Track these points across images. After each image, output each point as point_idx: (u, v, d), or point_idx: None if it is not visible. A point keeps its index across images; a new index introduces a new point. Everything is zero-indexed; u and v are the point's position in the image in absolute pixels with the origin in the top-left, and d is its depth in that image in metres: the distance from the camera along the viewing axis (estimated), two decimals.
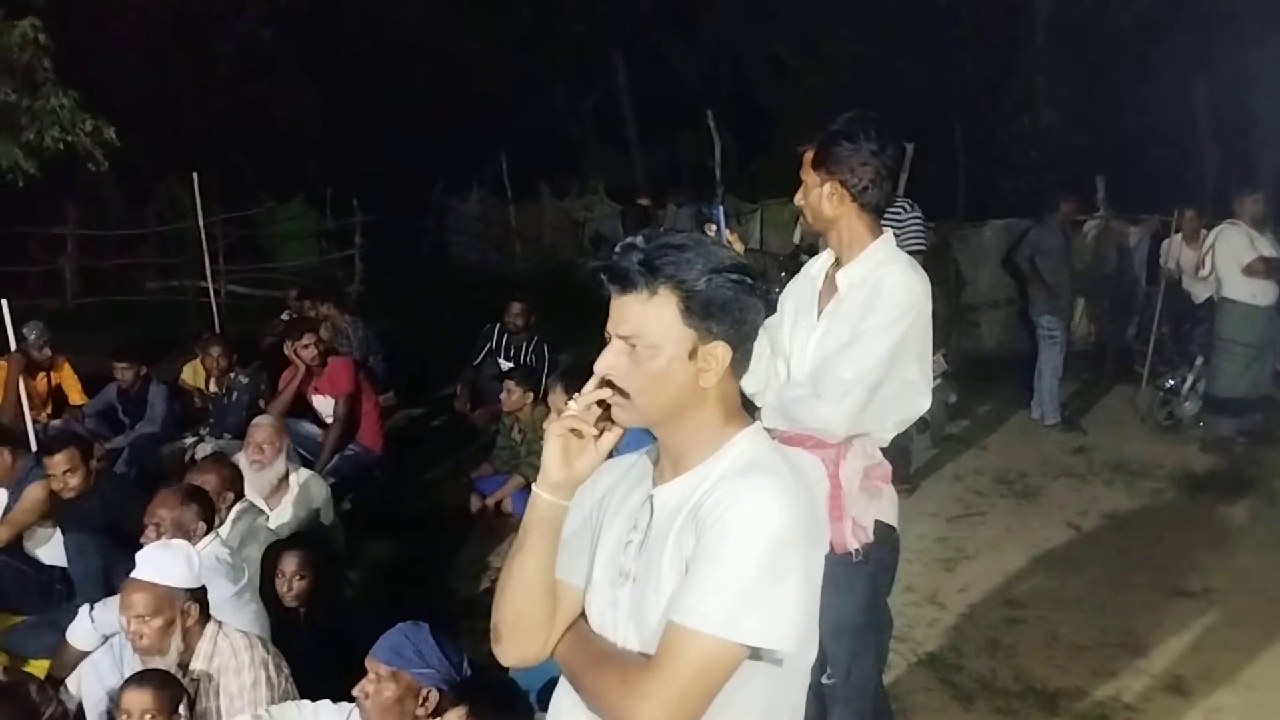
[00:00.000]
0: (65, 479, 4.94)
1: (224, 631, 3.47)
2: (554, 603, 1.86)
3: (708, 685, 1.68)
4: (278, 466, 5.25)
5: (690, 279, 1.72)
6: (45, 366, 7.14)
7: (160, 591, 3.39)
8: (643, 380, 1.74)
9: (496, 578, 5.73)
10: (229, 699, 3.33)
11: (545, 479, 1.79)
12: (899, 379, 2.77)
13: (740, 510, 1.68)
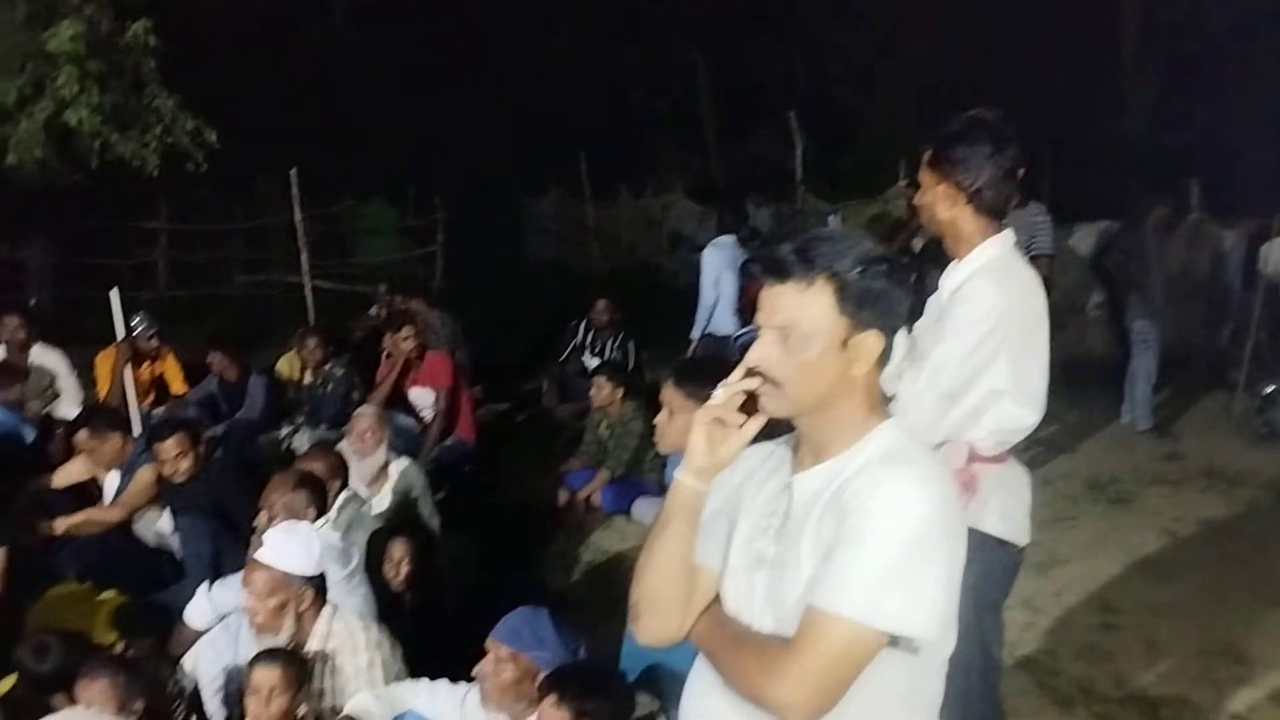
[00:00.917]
0: (176, 463, 5.10)
1: (339, 614, 3.58)
2: (692, 585, 1.91)
3: (845, 669, 1.72)
4: (379, 455, 5.38)
5: (845, 269, 1.75)
6: (150, 356, 7.37)
7: (278, 575, 3.51)
8: (795, 370, 1.78)
9: (586, 570, 5.84)
10: (345, 679, 3.43)
11: (690, 464, 1.84)
12: (984, 389, 2.75)
13: (884, 498, 1.72)
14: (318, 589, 3.58)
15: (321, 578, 3.61)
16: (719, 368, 3.05)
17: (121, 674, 3.41)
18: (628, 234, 16.08)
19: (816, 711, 1.71)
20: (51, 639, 3.87)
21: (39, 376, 6.97)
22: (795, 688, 1.70)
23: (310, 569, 3.54)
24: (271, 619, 3.52)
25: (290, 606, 3.52)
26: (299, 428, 7.04)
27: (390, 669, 3.52)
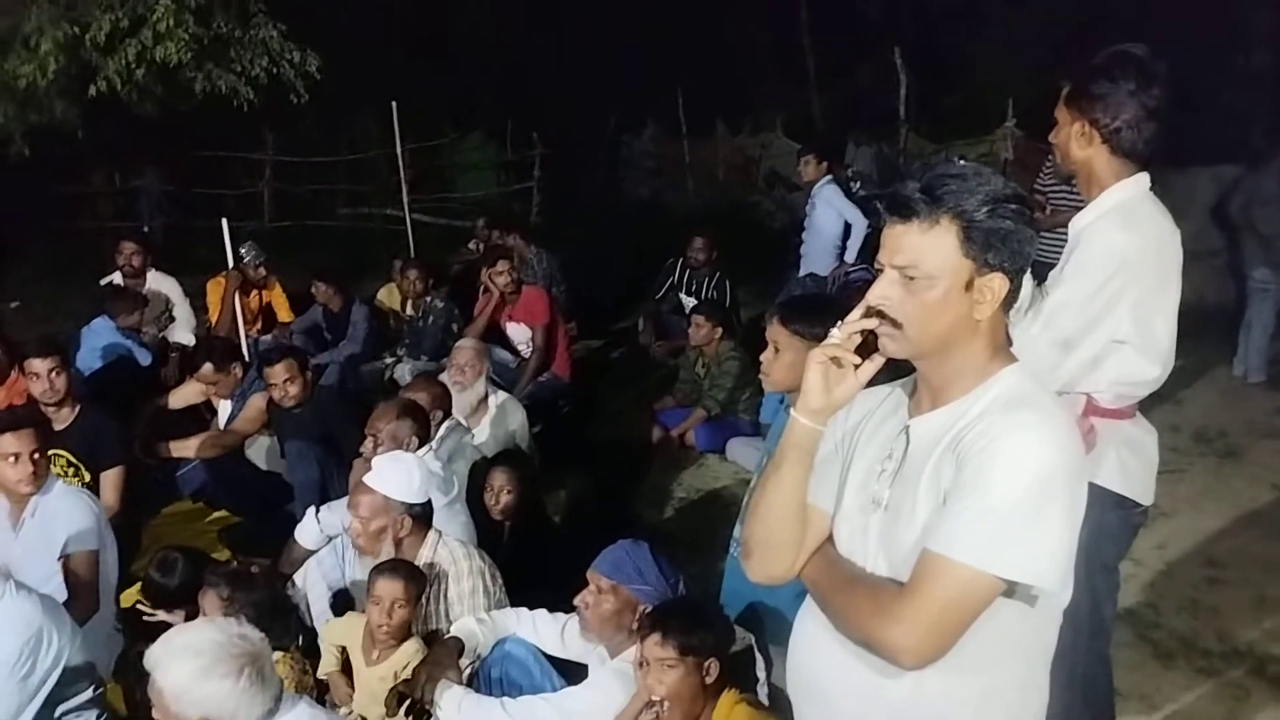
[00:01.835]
0: (284, 388, 5.25)
1: (444, 540, 3.67)
2: (804, 525, 1.90)
3: (960, 615, 1.71)
4: (478, 388, 5.47)
5: (971, 208, 1.71)
6: (258, 284, 7.56)
7: (380, 499, 3.62)
8: (917, 311, 1.75)
9: (678, 507, 5.88)
10: (449, 604, 3.53)
11: (805, 404, 1.83)
12: (1103, 337, 2.61)
13: (1006, 443, 1.68)
14: (419, 517, 3.66)
15: (425, 506, 3.70)
16: (826, 306, 3.05)
17: (236, 588, 3.55)
18: (724, 172, 15.91)
19: (928, 656, 1.71)
20: (177, 554, 4.04)
21: (154, 302, 7.20)
22: (908, 631, 1.70)
23: (411, 496, 3.63)
24: (372, 542, 3.64)
25: (389, 531, 3.62)
26: (400, 359, 7.18)
27: (492, 596, 3.61)
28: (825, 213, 7.59)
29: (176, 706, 2.37)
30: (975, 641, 1.74)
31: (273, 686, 2.49)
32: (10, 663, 3.18)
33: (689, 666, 2.79)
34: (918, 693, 1.79)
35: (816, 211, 7.63)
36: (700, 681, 2.81)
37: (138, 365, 6.58)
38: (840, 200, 7.57)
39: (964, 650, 1.73)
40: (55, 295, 9.19)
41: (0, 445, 3.95)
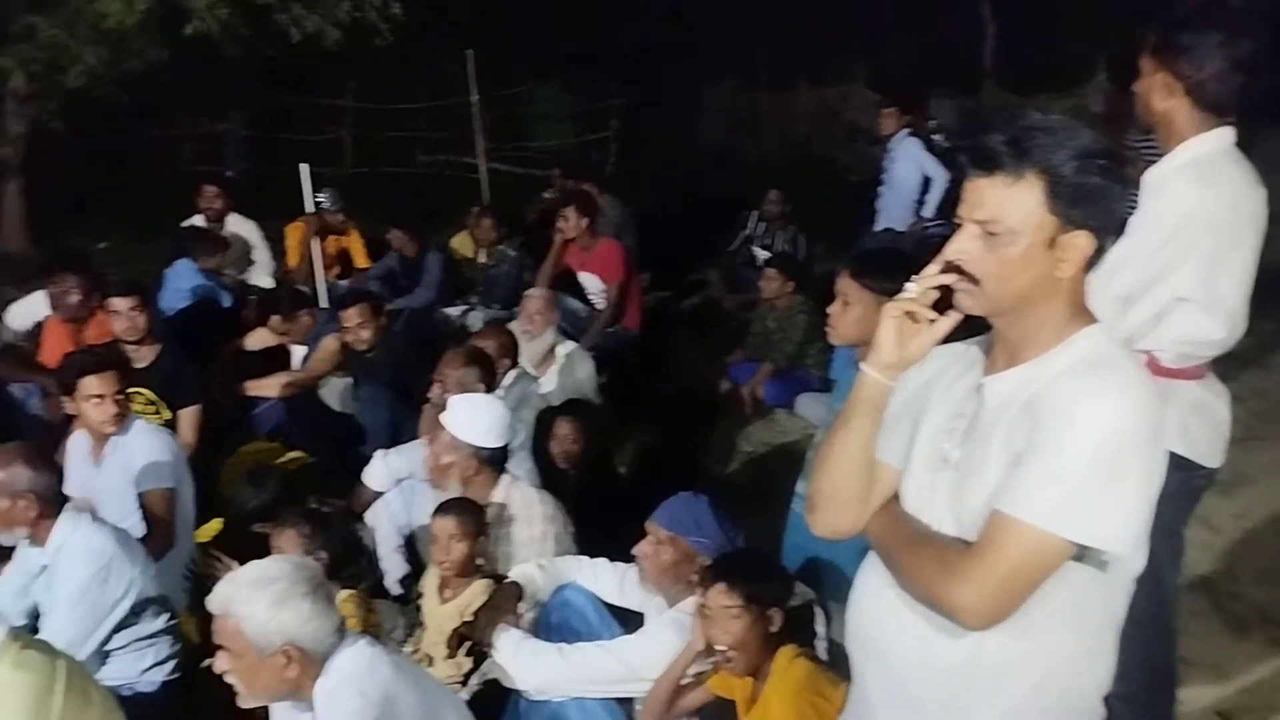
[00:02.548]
0: (358, 332, 5.33)
1: (516, 484, 3.72)
2: (871, 480, 1.88)
3: (1028, 578, 1.68)
4: (547, 337, 5.49)
5: (1059, 163, 1.65)
6: (336, 230, 7.65)
7: (450, 439, 3.67)
8: (997, 267, 1.70)
9: (744, 461, 5.86)
10: (517, 547, 3.57)
11: (877, 358, 1.80)
12: (1166, 294, 2.53)
13: (1084, 405, 1.64)
14: (488, 460, 3.70)
15: (496, 450, 3.73)
16: (899, 261, 3.00)
17: (310, 526, 3.64)
18: (804, 124, 15.71)
19: (993, 617, 1.69)
20: (270, 471, 4.15)
21: (234, 246, 7.34)
22: (974, 590, 1.68)
23: (477, 438, 3.67)
24: (440, 476, 3.72)
25: (456, 469, 3.67)
26: (473, 306, 7.23)
27: (561, 543, 3.64)
28: (904, 166, 7.44)
29: (260, 638, 2.41)
30: (1042, 605, 1.71)
31: (336, 615, 2.54)
32: (80, 591, 3.31)
33: (754, 615, 2.79)
34: (979, 654, 1.77)
35: (895, 165, 7.49)
36: (764, 631, 2.81)
37: (218, 307, 6.72)
38: (920, 153, 7.42)
39: (1029, 614, 1.71)
40: (142, 237, 9.40)
41: (84, 387, 4.08)
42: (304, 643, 2.43)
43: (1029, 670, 1.78)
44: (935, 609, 1.75)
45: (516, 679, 3.06)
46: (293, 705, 2.55)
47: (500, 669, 3.08)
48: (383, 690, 2.47)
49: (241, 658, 2.45)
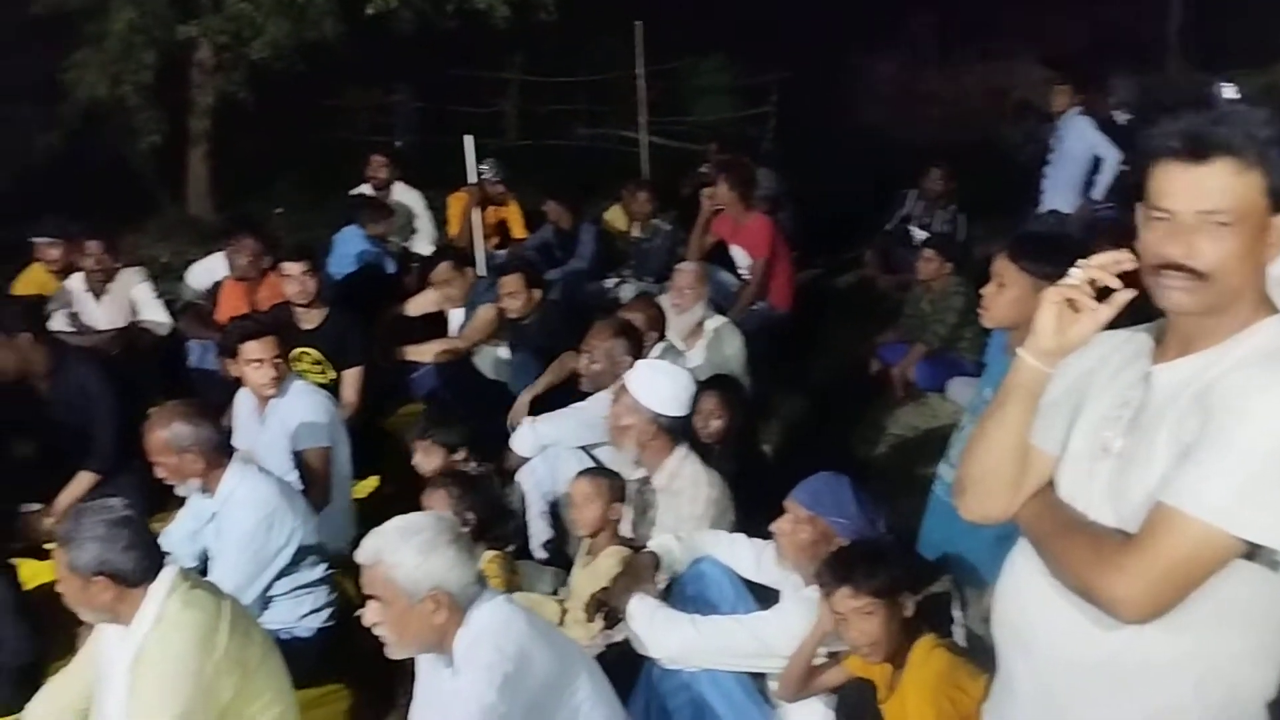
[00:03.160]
0: (514, 300, 5.47)
1: (691, 459, 3.74)
2: (1023, 466, 1.84)
3: (1190, 573, 1.61)
4: (696, 311, 5.50)
5: (1271, 145, 1.60)
6: (496, 201, 7.84)
7: (630, 401, 3.72)
8: (1228, 260, 1.63)
9: (891, 444, 5.76)
10: (676, 521, 3.60)
11: (1035, 344, 1.76)
12: None
13: (1262, 398, 1.57)
14: (666, 428, 3.72)
15: (678, 420, 3.75)
16: (1060, 245, 2.91)
17: (460, 488, 3.76)
18: (970, 100, 15.23)
19: (1151, 611, 1.64)
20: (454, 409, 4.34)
21: (399, 214, 7.60)
22: (1132, 583, 1.63)
23: (663, 406, 3.70)
24: (618, 436, 3.78)
25: (634, 433, 3.72)
26: (624, 279, 7.30)
27: (718, 527, 3.64)
28: (1074, 145, 7.16)
29: (409, 584, 2.51)
30: (1205, 603, 1.65)
31: (476, 566, 2.64)
32: (246, 537, 3.52)
33: (886, 609, 2.76)
34: (1132, 649, 1.72)
35: (1065, 144, 7.21)
36: (899, 619, 2.78)
37: (382, 272, 6.97)
38: (1092, 132, 7.12)
39: (1191, 610, 1.65)
40: (314, 203, 9.81)
41: (245, 351, 4.32)
42: (450, 587, 2.53)
43: (1186, 669, 1.72)
44: (1090, 600, 1.71)
45: (650, 646, 3.10)
46: (435, 659, 2.66)
47: (635, 636, 3.13)
48: (518, 646, 2.55)
49: (391, 605, 2.55)
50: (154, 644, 2.73)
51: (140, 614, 2.76)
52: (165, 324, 6.05)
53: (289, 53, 8.79)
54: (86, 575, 2.73)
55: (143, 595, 2.76)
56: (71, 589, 2.78)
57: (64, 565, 2.77)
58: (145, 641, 2.73)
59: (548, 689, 2.58)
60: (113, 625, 2.83)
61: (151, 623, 2.74)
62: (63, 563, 2.77)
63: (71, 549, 2.73)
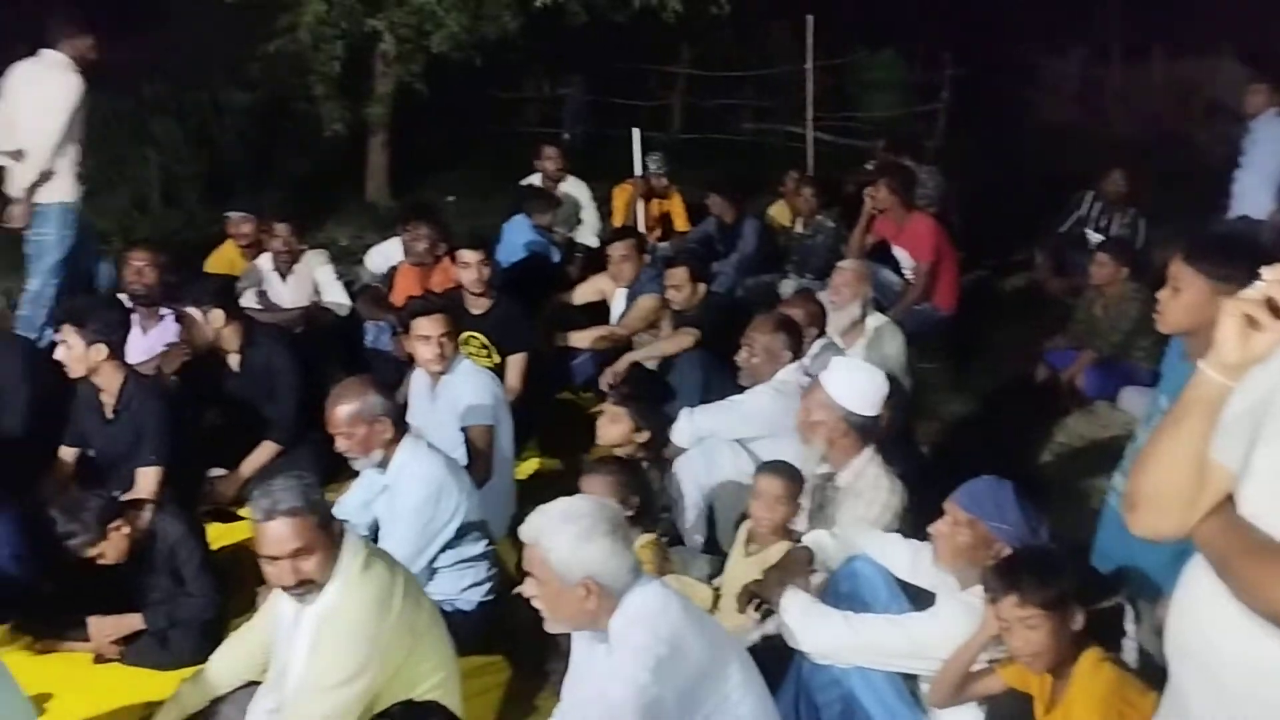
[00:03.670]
0: (679, 291, 5.55)
1: (876, 461, 3.72)
2: (1201, 482, 1.77)
3: None
4: (853, 309, 5.42)
5: None
6: (660, 194, 7.92)
7: (823, 397, 3.73)
8: None
9: (1057, 453, 5.59)
10: (852, 521, 3.60)
11: (1217, 358, 1.69)
12: None
13: None
14: (857, 427, 3.71)
15: (870, 419, 3.73)
16: (1243, 249, 2.78)
17: (623, 474, 3.84)
18: (1157, 100, 14.57)
19: None
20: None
21: (566, 205, 7.76)
22: None
23: (854, 405, 3.69)
24: (808, 431, 3.79)
25: (824, 430, 3.73)
26: (786, 275, 7.29)
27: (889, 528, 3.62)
28: (1268, 149, 6.82)
29: (563, 569, 2.58)
30: None
31: (632, 555, 2.69)
32: (415, 509, 3.68)
33: (1054, 621, 2.69)
34: None
35: (1257, 147, 6.87)
36: (1066, 631, 2.71)
37: (548, 261, 7.14)
38: None
39: None
40: (485, 192, 10.09)
41: (416, 327, 4.50)
42: (602, 578, 2.59)
43: None
44: (1275, 621, 1.65)
45: (801, 640, 3.10)
46: (591, 636, 2.73)
47: (786, 629, 3.14)
48: (671, 630, 2.59)
49: (546, 585, 2.64)
50: (335, 605, 2.88)
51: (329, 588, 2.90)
52: (345, 305, 6.33)
53: (467, 46, 9.06)
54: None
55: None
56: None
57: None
58: (327, 602, 2.89)
59: (699, 675, 2.61)
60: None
61: (342, 584, 2.90)
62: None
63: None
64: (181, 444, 4.55)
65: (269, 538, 2.84)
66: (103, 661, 3.85)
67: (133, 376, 4.58)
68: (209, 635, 3.80)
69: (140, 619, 3.84)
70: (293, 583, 2.87)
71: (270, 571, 2.90)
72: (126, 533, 3.80)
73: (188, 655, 3.75)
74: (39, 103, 5.87)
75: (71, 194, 6.02)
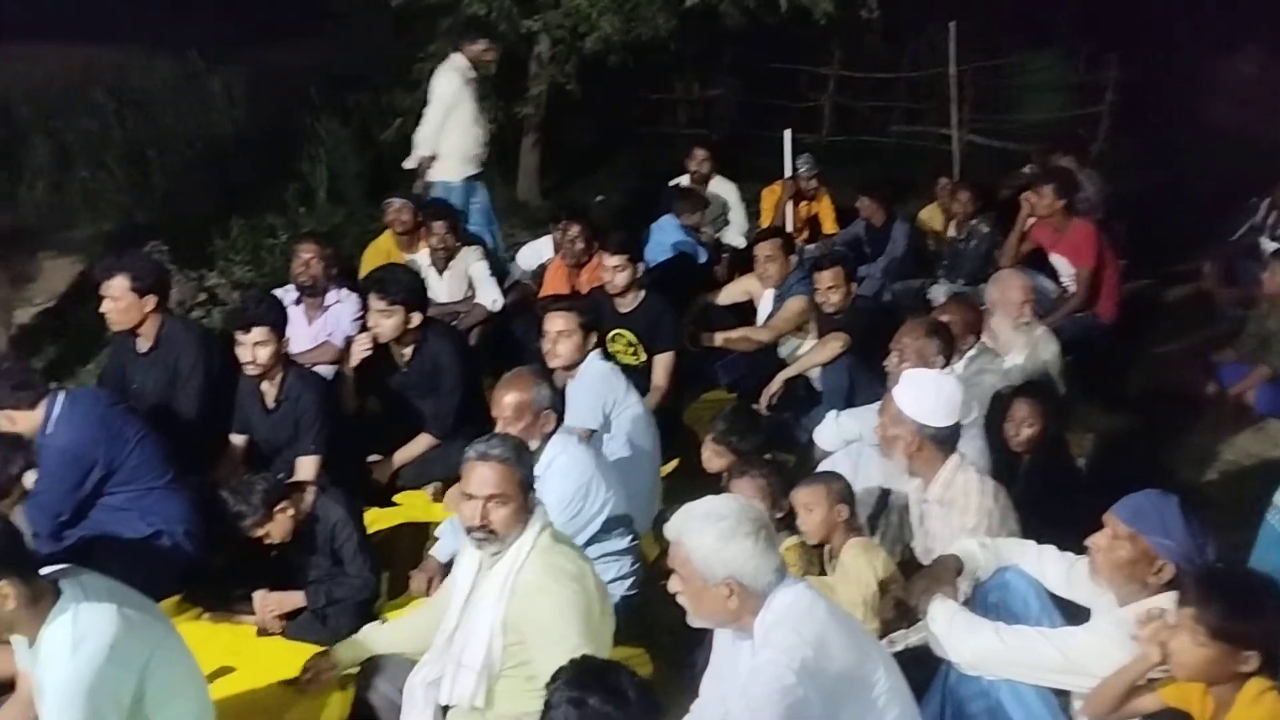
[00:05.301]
0: (828, 294, 5.54)
1: (965, 469, 3.67)
2: None
3: None
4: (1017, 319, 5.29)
5: None
6: (808, 196, 7.88)
7: (895, 411, 3.70)
8: None
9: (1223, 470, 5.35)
10: (951, 533, 3.55)
11: None
12: None
13: None
14: (934, 438, 3.67)
15: (944, 429, 3.68)
16: None
17: (773, 476, 3.85)
18: None
19: None
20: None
21: (714, 205, 7.79)
22: None
23: (923, 416, 3.65)
24: (887, 445, 3.78)
25: (901, 444, 3.70)
26: (936, 279, 7.15)
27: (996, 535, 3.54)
28: None
29: (705, 568, 2.61)
30: None
31: (776, 556, 2.69)
32: (564, 502, 3.75)
33: (1219, 653, 2.58)
34: None
35: None
36: (1228, 671, 2.60)
37: (694, 262, 7.17)
38: None
39: None
40: (634, 192, 10.19)
41: (549, 323, 4.58)
42: (744, 578, 2.60)
43: None
44: None
45: (948, 649, 3.05)
46: (734, 635, 2.75)
47: (933, 637, 3.09)
48: (817, 632, 2.59)
49: (689, 583, 2.67)
50: (534, 578, 3.02)
51: (516, 548, 3.07)
52: (497, 301, 6.48)
53: (619, 48, 9.17)
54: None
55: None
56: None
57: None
58: (509, 564, 3.05)
59: (845, 680, 2.60)
60: (474, 557, 3.17)
61: (524, 558, 3.05)
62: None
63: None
64: (339, 433, 4.75)
65: (474, 476, 3.05)
66: (265, 634, 4.05)
67: (293, 369, 4.79)
68: (365, 614, 3.96)
69: (302, 596, 4.02)
70: (478, 523, 3.04)
71: (465, 508, 3.09)
72: (291, 514, 3.99)
73: (344, 632, 3.90)
74: (431, 97, 7.21)
75: (455, 174, 7.16)
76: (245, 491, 3.97)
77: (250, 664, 3.85)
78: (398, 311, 4.93)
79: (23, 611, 2.65)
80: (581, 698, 2.22)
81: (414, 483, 4.96)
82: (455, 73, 7.18)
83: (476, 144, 7.31)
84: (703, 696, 2.96)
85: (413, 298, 5.03)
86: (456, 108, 7.13)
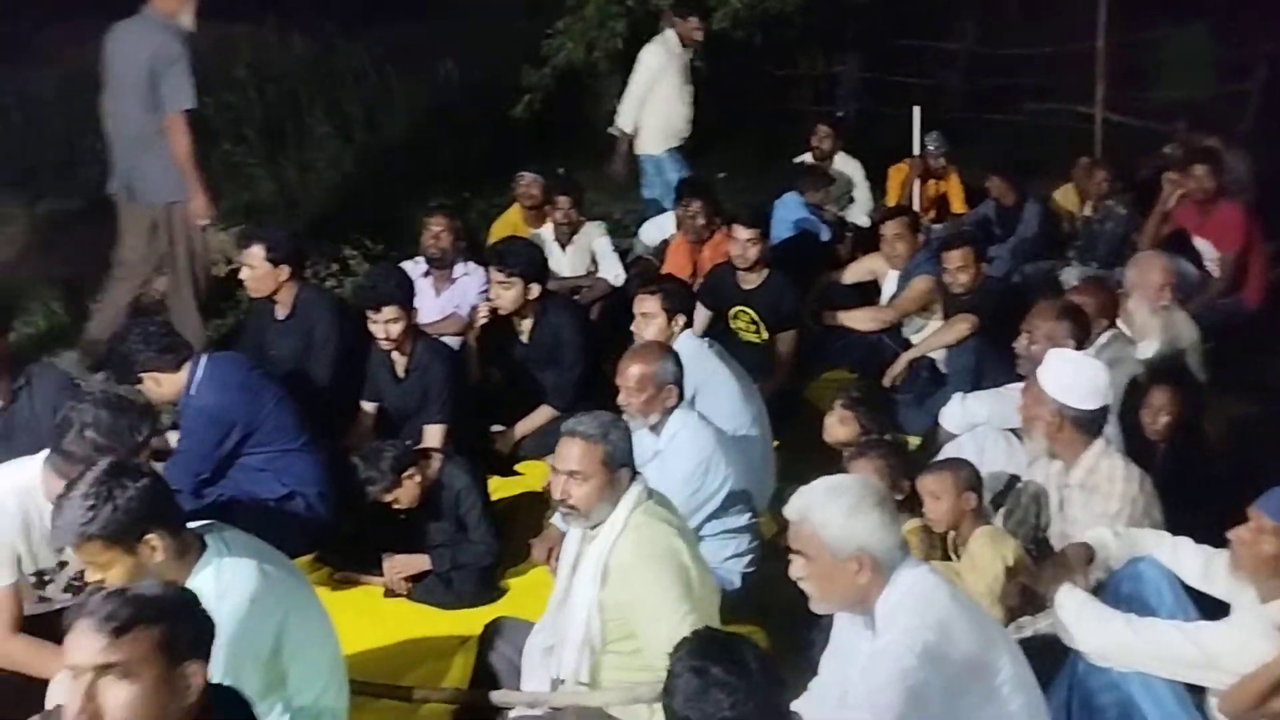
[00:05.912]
0: (957, 274, 5.44)
1: (1109, 454, 3.59)
2: None
3: None
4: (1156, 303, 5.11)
5: None
6: (936, 174, 7.72)
7: (1038, 391, 3.63)
8: None
9: None
10: (1092, 519, 3.46)
11: None
12: None
13: None
14: (1076, 421, 3.58)
15: (1087, 412, 3.59)
16: None
17: (892, 457, 3.81)
18: None
19: None
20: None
21: (838, 183, 7.68)
22: None
23: (1070, 399, 3.56)
24: (1028, 426, 3.72)
25: (1042, 425, 3.61)
26: (1069, 261, 6.94)
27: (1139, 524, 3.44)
28: None
29: (835, 543, 2.59)
30: None
31: (900, 532, 2.69)
32: (685, 476, 3.78)
33: None
34: None
35: None
36: None
37: (817, 239, 7.09)
38: None
39: None
40: (758, 169, 10.10)
41: (636, 305, 4.62)
42: (874, 550, 2.58)
43: None
44: None
45: (1077, 639, 2.98)
46: (855, 619, 2.72)
47: (1062, 626, 3.02)
48: (940, 616, 2.55)
49: (816, 562, 2.63)
50: (627, 559, 3.06)
51: (609, 526, 3.11)
52: (620, 276, 6.52)
53: (747, 23, 9.09)
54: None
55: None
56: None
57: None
58: (603, 543, 3.09)
59: (968, 666, 2.55)
60: (578, 529, 3.22)
61: (615, 537, 3.08)
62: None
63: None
64: (465, 403, 4.85)
65: (561, 451, 3.11)
66: (392, 596, 4.18)
67: (422, 340, 4.91)
68: (488, 580, 4.06)
69: (427, 560, 4.14)
70: (559, 498, 3.11)
71: (554, 481, 3.16)
72: (418, 480, 4.10)
73: (469, 596, 4.02)
74: (634, 71, 7.54)
75: (657, 147, 7.50)
76: (375, 458, 4.09)
77: (378, 624, 3.98)
78: (516, 283, 5.01)
79: (170, 564, 2.76)
80: (704, 666, 2.23)
81: (535, 453, 5.03)
82: (661, 47, 7.43)
83: (679, 118, 7.55)
84: (822, 675, 2.94)
85: (531, 270, 5.09)
86: (659, 82, 7.35)
